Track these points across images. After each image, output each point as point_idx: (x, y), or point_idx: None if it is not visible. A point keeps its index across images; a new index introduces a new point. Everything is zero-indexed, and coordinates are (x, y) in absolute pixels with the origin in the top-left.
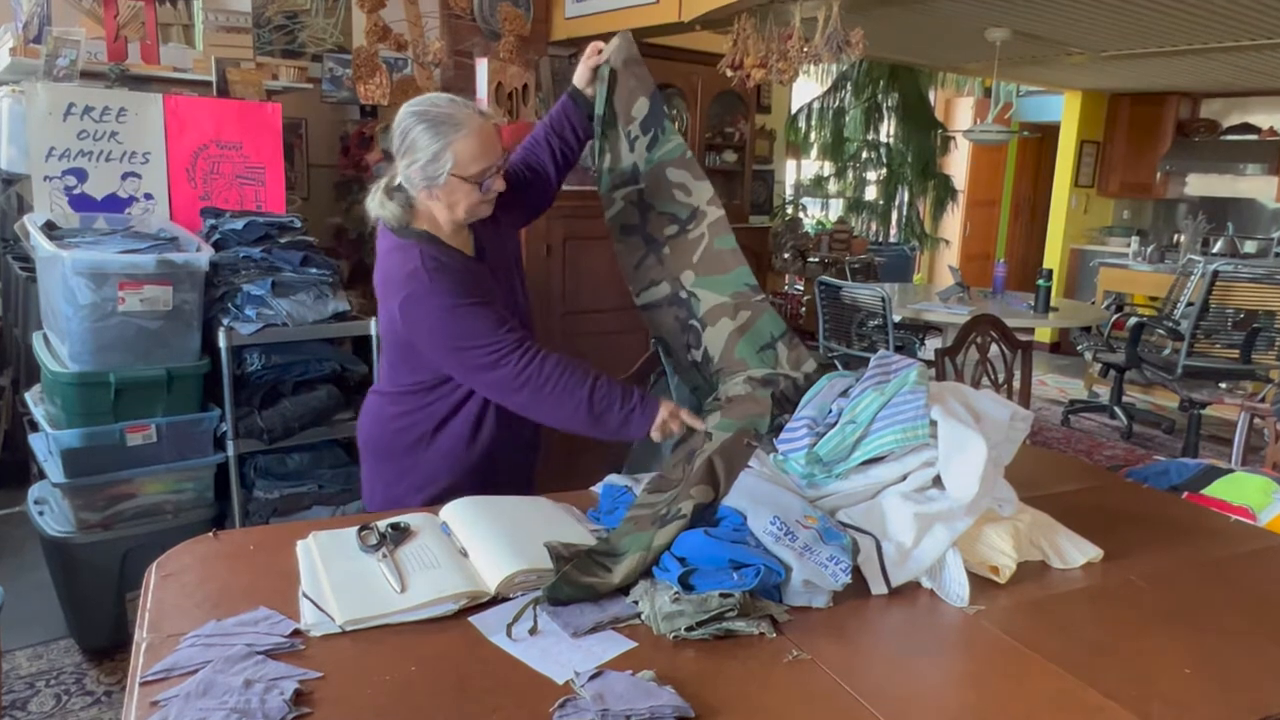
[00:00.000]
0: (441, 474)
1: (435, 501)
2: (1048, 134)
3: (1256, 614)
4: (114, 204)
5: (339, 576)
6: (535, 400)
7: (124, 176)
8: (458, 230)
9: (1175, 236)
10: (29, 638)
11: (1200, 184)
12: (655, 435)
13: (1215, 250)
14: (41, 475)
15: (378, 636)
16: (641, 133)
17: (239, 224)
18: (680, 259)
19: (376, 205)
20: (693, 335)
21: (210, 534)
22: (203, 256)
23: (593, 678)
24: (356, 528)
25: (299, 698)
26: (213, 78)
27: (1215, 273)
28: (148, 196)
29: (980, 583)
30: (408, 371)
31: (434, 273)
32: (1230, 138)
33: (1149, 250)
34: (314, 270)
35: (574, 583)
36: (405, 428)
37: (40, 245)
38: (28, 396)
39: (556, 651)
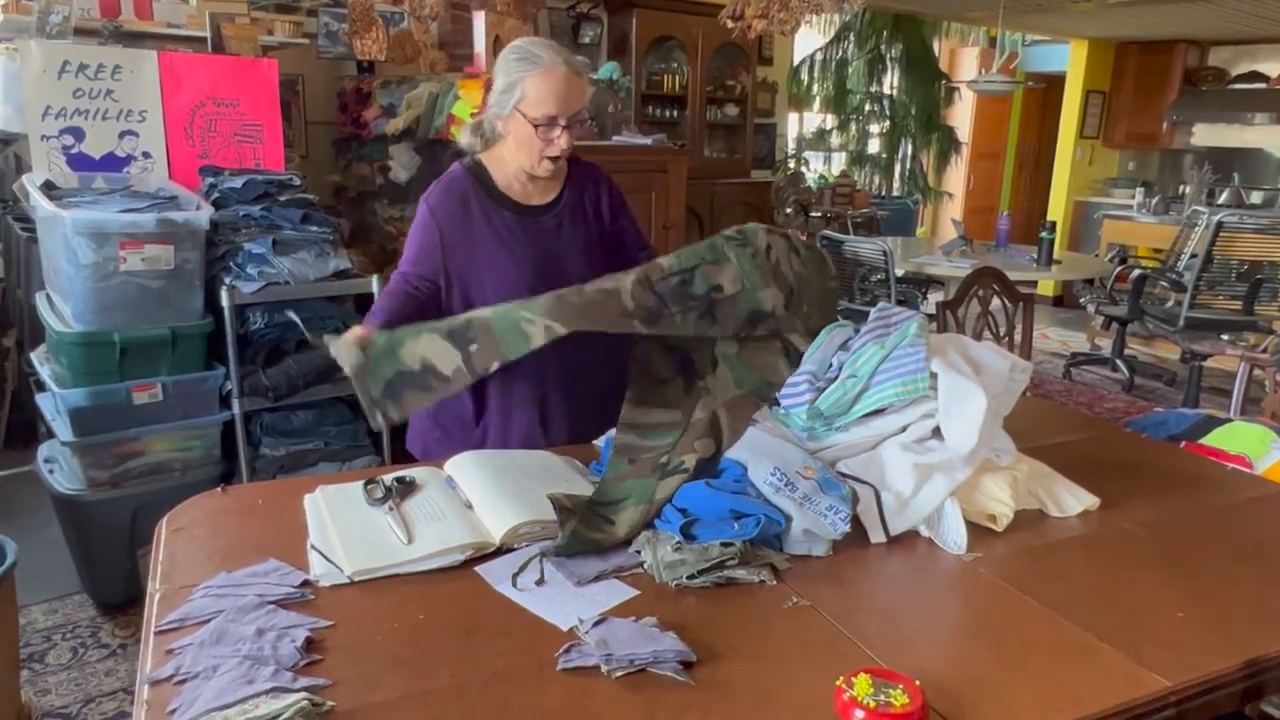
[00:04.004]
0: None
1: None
2: (1053, 84)
3: (1250, 560)
4: (112, 163)
5: (346, 529)
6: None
7: (121, 135)
8: (528, 178)
9: (1181, 188)
10: (44, 593)
11: (1207, 134)
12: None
13: (1221, 201)
14: (50, 434)
15: (385, 586)
16: None
17: (238, 182)
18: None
19: (464, 133)
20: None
21: (218, 489)
22: (203, 215)
23: (597, 624)
24: (362, 482)
25: (310, 645)
26: (207, 33)
27: (1219, 224)
28: (146, 155)
29: (978, 531)
30: None
31: (443, 186)
32: (1238, 86)
33: (1154, 202)
34: (314, 228)
35: (582, 539)
36: None
37: (40, 205)
38: (33, 356)
39: (561, 599)
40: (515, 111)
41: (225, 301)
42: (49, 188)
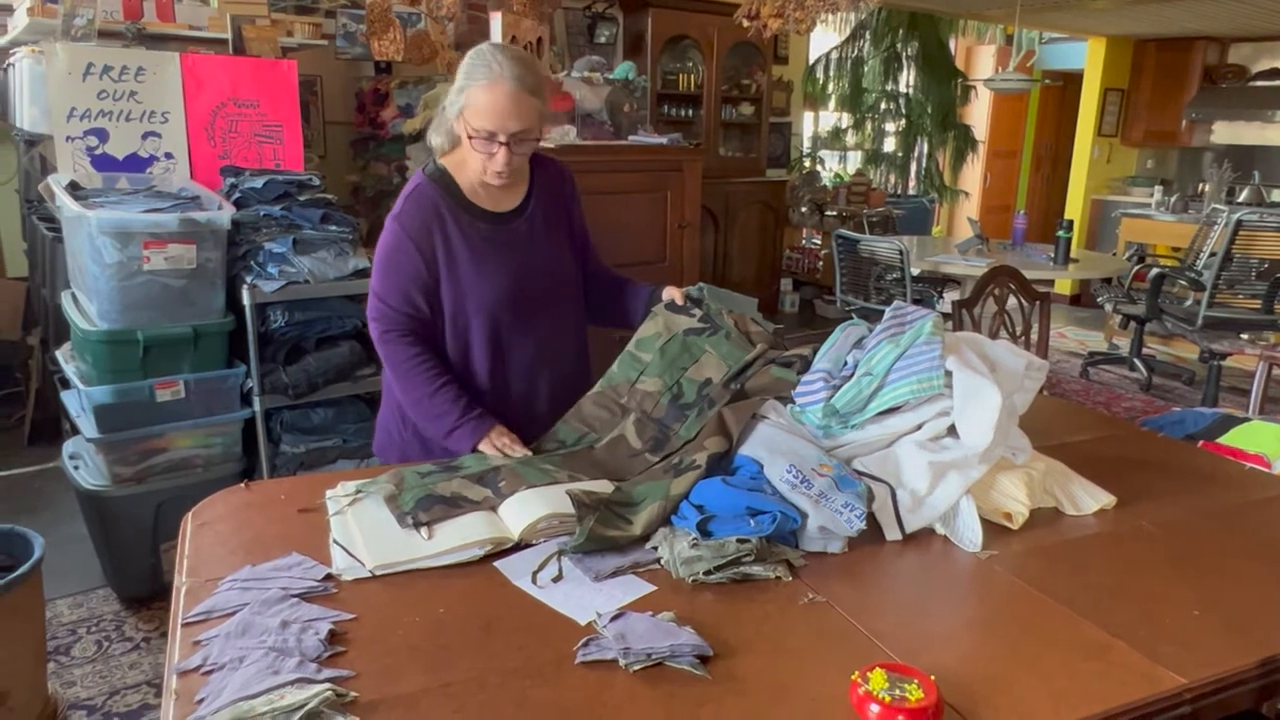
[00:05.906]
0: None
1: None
2: (1071, 82)
3: (1267, 559)
4: (135, 164)
5: (368, 524)
6: (389, 369)
7: (144, 136)
8: (488, 184)
9: (1200, 185)
10: (69, 587)
11: (1227, 131)
12: (483, 448)
13: (1240, 199)
14: (75, 431)
15: (406, 581)
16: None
17: (259, 182)
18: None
19: (432, 129)
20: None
21: (242, 484)
22: (224, 215)
23: (614, 618)
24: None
25: (333, 637)
26: (228, 35)
27: (1239, 222)
28: (168, 156)
29: (993, 529)
30: None
31: (412, 202)
32: (1259, 83)
33: (1172, 200)
34: (334, 228)
35: (599, 537)
36: None
37: (66, 205)
38: (58, 354)
39: (579, 594)
40: (461, 116)
41: (246, 300)
42: (74, 188)
